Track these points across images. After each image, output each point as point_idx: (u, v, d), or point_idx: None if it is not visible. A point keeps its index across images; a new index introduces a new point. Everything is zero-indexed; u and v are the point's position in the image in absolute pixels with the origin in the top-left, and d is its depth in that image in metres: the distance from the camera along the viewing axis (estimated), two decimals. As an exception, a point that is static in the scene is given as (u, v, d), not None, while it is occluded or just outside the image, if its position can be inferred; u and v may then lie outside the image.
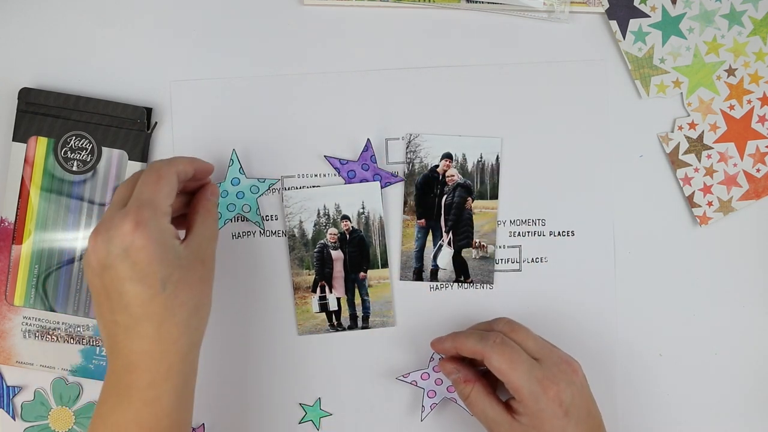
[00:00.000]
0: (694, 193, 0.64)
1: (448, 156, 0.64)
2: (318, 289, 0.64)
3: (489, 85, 0.64)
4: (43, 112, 0.62)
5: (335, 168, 0.63)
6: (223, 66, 0.64)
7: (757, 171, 0.63)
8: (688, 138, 0.63)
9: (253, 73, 0.64)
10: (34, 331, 0.63)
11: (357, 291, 0.64)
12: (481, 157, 0.64)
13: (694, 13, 0.63)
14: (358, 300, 0.64)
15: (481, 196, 0.64)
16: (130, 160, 0.62)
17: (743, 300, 0.64)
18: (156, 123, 0.63)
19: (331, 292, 0.64)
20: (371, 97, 0.64)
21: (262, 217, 0.63)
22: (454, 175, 0.64)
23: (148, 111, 0.63)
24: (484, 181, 0.64)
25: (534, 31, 0.64)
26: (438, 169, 0.64)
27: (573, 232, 0.64)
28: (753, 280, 0.64)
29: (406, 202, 0.64)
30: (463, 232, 0.64)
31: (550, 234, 0.64)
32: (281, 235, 0.64)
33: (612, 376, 0.64)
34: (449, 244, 0.64)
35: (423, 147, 0.64)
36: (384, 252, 0.64)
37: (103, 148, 0.63)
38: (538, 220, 0.64)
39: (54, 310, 0.63)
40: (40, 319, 0.63)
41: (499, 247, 0.64)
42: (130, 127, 0.62)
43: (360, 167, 0.63)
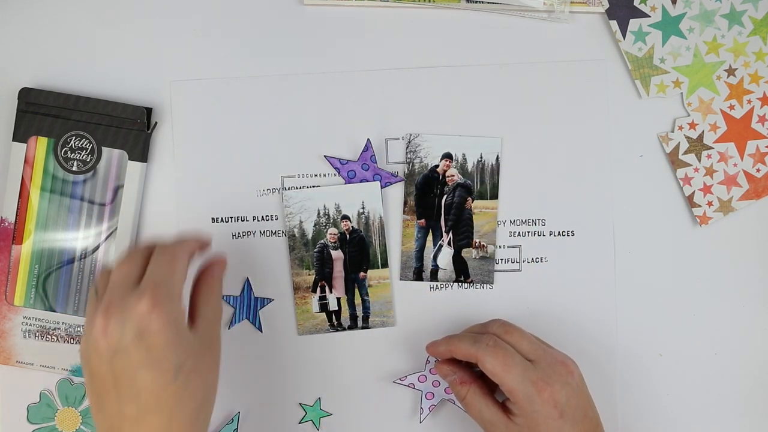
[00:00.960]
0: (694, 193, 0.64)
1: (448, 156, 0.64)
2: (318, 289, 0.64)
3: (489, 85, 0.64)
4: (43, 112, 0.62)
5: (335, 168, 0.63)
6: (223, 66, 0.64)
7: (757, 171, 0.63)
8: (688, 138, 0.63)
9: (253, 73, 0.64)
10: (34, 331, 0.63)
11: (357, 291, 0.64)
12: (481, 157, 0.64)
13: (694, 13, 0.63)
14: (358, 300, 0.64)
15: (481, 196, 0.64)
16: (130, 160, 0.62)
17: (743, 300, 0.64)
18: (156, 123, 0.63)
19: (331, 292, 0.64)
20: (371, 97, 0.64)
21: None
22: (454, 175, 0.64)
23: (148, 111, 0.63)
24: (484, 181, 0.64)
25: (534, 31, 0.64)
26: (438, 169, 0.64)
27: (573, 232, 0.64)
28: (753, 280, 0.64)
29: (406, 202, 0.64)
30: (463, 232, 0.64)
31: (550, 234, 0.64)
32: (281, 235, 0.64)
33: (612, 376, 0.64)
34: (449, 244, 0.64)
35: (423, 147, 0.64)
36: (384, 252, 0.64)
37: (103, 148, 0.63)
38: (538, 220, 0.64)
39: (54, 310, 0.63)
40: (40, 319, 0.63)
41: (499, 247, 0.64)
42: (130, 127, 0.62)
43: (360, 167, 0.63)
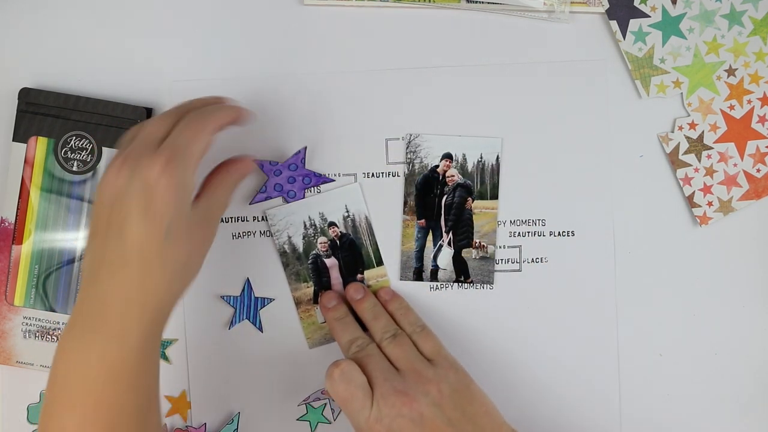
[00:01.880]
0: (694, 193, 0.64)
1: (448, 156, 0.64)
2: (319, 299, 0.64)
3: (489, 85, 0.64)
4: (43, 112, 0.62)
5: (264, 170, 0.63)
6: (223, 66, 0.64)
7: (757, 171, 0.63)
8: (688, 138, 0.63)
9: (252, 73, 0.64)
10: (34, 331, 0.63)
11: (357, 292, 0.64)
12: (481, 157, 0.64)
13: (694, 13, 0.63)
14: (358, 301, 0.64)
15: (481, 196, 0.64)
16: (130, 160, 0.62)
17: (743, 300, 0.64)
18: (156, 123, 0.63)
19: (332, 300, 0.64)
20: (371, 97, 0.64)
21: None
22: (454, 176, 0.64)
23: (148, 111, 0.63)
24: (484, 181, 0.64)
25: (534, 31, 0.64)
26: (438, 169, 0.64)
27: (573, 232, 0.64)
28: (753, 280, 0.64)
29: (406, 202, 0.64)
30: (463, 232, 0.64)
31: (550, 234, 0.64)
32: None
33: (612, 377, 0.64)
34: (449, 244, 0.64)
35: (423, 147, 0.64)
36: (376, 250, 0.64)
37: (104, 148, 0.63)
38: (538, 220, 0.64)
39: (54, 311, 0.63)
40: (40, 319, 0.63)
41: (499, 247, 0.64)
42: (130, 128, 0.62)
43: (287, 167, 0.63)
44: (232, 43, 0.64)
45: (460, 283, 0.64)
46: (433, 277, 0.64)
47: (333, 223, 0.64)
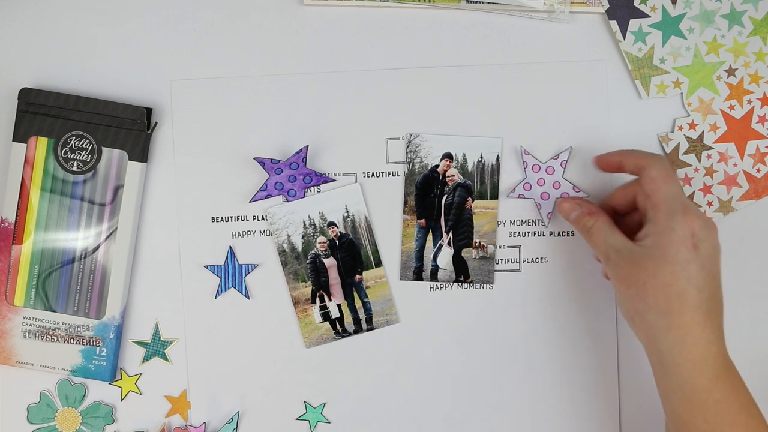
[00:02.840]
0: (694, 193, 0.64)
1: (448, 156, 0.64)
2: (317, 299, 0.64)
3: (489, 85, 0.64)
4: (43, 112, 0.62)
5: (265, 168, 0.63)
6: (224, 66, 0.64)
7: (757, 171, 0.63)
8: (688, 138, 0.64)
9: (253, 73, 0.64)
10: (34, 331, 0.63)
11: (356, 294, 0.64)
12: (481, 157, 0.64)
13: (694, 13, 0.63)
14: (358, 303, 0.64)
15: (481, 196, 0.64)
16: (130, 160, 0.62)
17: (743, 300, 0.64)
18: (156, 123, 0.63)
19: (330, 300, 0.64)
20: (371, 97, 0.64)
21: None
22: (454, 175, 0.64)
23: (148, 111, 0.63)
24: (484, 181, 0.64)
25: (534, 31, 0.64)
26: (438, 169, 0.64)
27: (573, 232, 0.64)
28: (753, 280, 0.64)
29: (406, 202, 0.64)
30: (463, 232, 0.64)
31: (550, 234, 0.64)
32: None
33: (612, 377, 0.64)
34: (449, 244, 0.64)
35: (423, 147, 0.64)
36: (375, 251, 0.64)
37: (103, 148, 0.63)
38: (538, 220, 0.64)
39: (54, 311, 0.63)
40: (40, 319, 0.63)
41: (499, 247, 0.64)
42: (130, 127, 0.62)
43: (288, 166, 0.63)
44: (232, 43, 0.64)
45: (460, 283, 0.64)
46: (433, 277, 0.64)
47: (332, 223, 0.64)
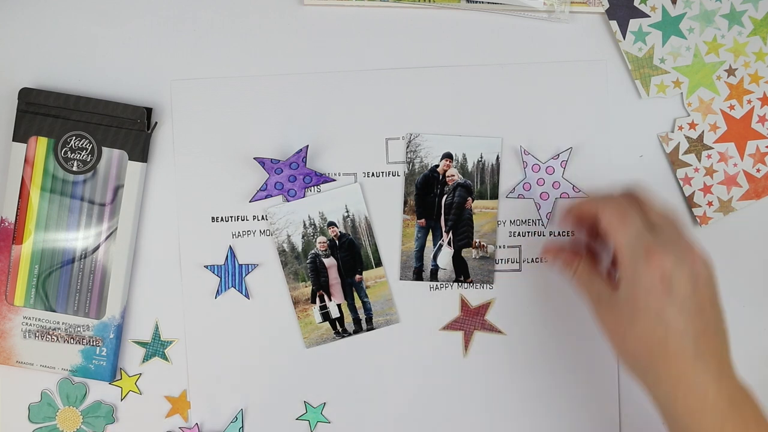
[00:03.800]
0: (694, 193, 0.64)
1: (448, 156, 0.64)
2: (317, 299, 0.64)
3: (489, 85, 0.64)
4: (43, 112, 0.62)
5: (265, 168, 0.63)
6: (224, 66, 0.64)
7: (757, 171, 0.63)
8: (688, 138, 0.64)
9: (253, 73, 0.64)
10: (34, 331, 0.63)
11: (356, 294, 0.64)
12: (481, 157, 0.64)
13: (694, 13, 0.63)
14: (358, 303, 0.64)
15: (481, 196, 0.64)
16: (130, 160, 0.62)
17: (743, 300, 0.64)
18: (156, 123, 0.63)
19: (330, 300, 0.64)
20: (371, 97, 0.64)
21: None
22: (454, 175, 0.64)
23: (148, 111, 0.63)
24: (484, 181, 0.64)
25: (534, 31, 0.64)
26: (438, 169, 0.64)
27: (573, 232, 0.64)
28: (753, 280, 0.64)
29: (406, 202, 0.64)
30: (463, 232, 0.64)
31: (550, 234, 0.64)
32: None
33: (613, 377, 0.64)
34: (449, 244, 0.64)
35: (423, 147, 0.64)
36: (375, 251, 0.64)
37: (103, 148, 0.63)
38: (538, 220, 0.64)
39: (54, 310, 0.63)
40: (40, 319, 0.63)
41: (499, 247, 0.64)
42: (130, 127, 0.62)
43: (288, 166, 0.63)
44: (232, 43, 0.64)
45: (460, 283, 0.64)
46: (433, 276, 0.64)
47: (333, 223, 0.64)
